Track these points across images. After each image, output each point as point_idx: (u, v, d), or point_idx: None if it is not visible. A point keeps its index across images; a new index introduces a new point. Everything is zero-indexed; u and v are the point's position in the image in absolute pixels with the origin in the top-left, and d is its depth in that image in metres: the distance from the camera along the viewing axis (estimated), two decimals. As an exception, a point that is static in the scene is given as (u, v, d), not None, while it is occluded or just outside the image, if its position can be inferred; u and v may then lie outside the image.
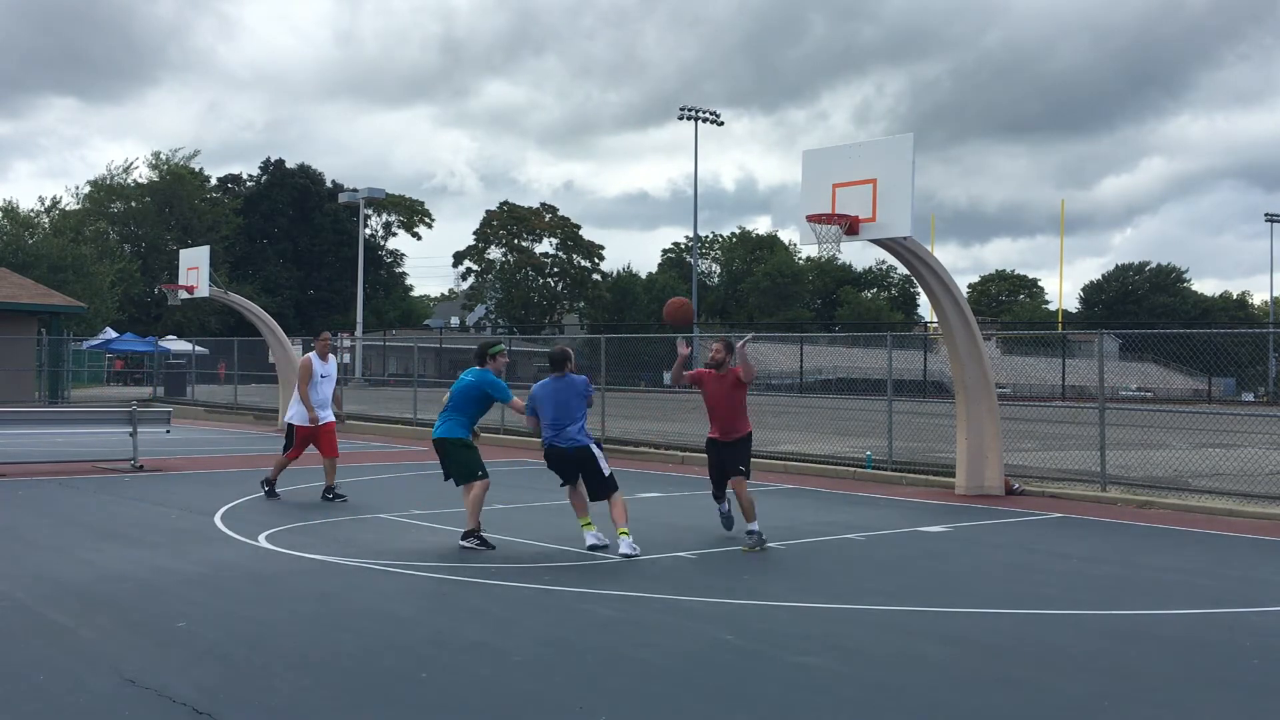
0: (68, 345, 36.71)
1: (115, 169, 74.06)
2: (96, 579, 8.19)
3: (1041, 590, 8.35)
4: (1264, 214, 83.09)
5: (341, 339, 52.40)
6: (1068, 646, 6.60)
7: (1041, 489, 14.69)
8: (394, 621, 6.97)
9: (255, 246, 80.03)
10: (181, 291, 26.52)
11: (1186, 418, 26.85)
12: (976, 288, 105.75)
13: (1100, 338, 18.31)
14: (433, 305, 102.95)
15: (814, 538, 10.69)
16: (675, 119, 68.02)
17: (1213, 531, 11.70)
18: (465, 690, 5.58)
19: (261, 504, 12.63)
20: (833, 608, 7.58)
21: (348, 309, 70.28)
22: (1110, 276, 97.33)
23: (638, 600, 7.48)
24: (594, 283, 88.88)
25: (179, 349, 44.76)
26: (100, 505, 12.39)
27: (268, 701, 5.33)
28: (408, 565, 8.83)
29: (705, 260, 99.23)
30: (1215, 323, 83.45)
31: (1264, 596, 8.25)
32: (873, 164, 13.30)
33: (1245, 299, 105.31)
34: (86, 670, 5.82)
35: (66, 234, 61.88)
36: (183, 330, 60.73)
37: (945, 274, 14.24)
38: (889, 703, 5.51)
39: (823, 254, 13.82)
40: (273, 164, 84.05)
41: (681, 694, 5.56)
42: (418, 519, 11.51)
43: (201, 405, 32.45)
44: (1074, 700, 5.56)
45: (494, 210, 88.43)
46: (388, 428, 25.70)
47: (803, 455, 18.31)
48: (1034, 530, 11.69)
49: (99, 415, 17.73)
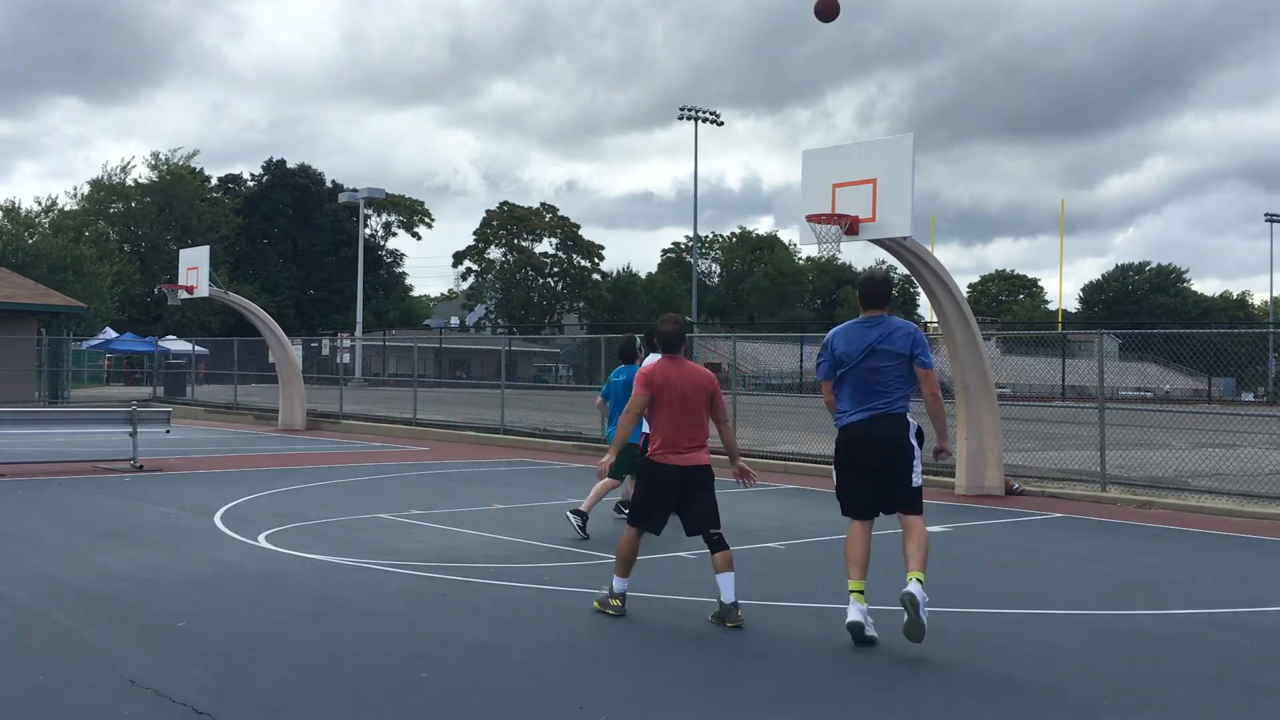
0: (67, 345, 36.71)
1: (113, 169, 74.16)
2: (96, 579, 8.19)
3: (1041, 590, 8.35)
4: (1264, 214, 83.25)
5: (341, 339, 52.42)
6: (1068, 646, 6.59)
7: (1041, 489, 14.68)
8: (394, 621, 6.97)
9: (255, 246, 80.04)
10: (181, 291, 26.53)
11: (1186, 418, 26.84)
12: (976, 287, 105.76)
13: (1100, 338, 18.30)
14: (433, 305, 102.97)
15: (814, 538, 10.69)
16: (678, 119, 68.08)
17: (1213, 531, 11.69)
18: (465, 690, 5.58)
19: (261, 504, 12.62)
20: (833, 608, 7.57)
21: (348, 309, 70.29)
22: (1110, 276, 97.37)
23: (637, 600, 7.48)
24: (594, 283, 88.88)
25: (179, 349, 44.75)
26: (100, 505, 12.38)
27: (268, 701, 5.33)
28: (408, 565, 8.83)
29: (705, 260, 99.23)
30: (1215, 323, 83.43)
31: (1264, 596, 8.25)
32: (873, 164, 13.30)
33: (1245, 299, 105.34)
34: (86, 670, 5.82)
35: (66, 234, 61.87)
36: (183, 330, 60.71)
37: (945, 274, 14.24)
38: (889, 703, 5.51)
39: (823, 254, 13.82)
40: (273, 164, 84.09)
41: (681, 694, 5.56)
42: (418, 519, 11.51)
43: (201, 405, 32.46)
44: (1074, 700, 5.56)
45: (494, 210, 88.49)
46: (388, 428, 25.70)
47: (803, 455, 18.30)
48: (1034, 530, 11.69)
49: (99, 415, 17.73)
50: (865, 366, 6.65)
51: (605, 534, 10.63)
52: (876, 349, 6.63)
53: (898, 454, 6.62)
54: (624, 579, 7.19)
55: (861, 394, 6.68)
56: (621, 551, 7.22)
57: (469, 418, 26.00)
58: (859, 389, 6.68)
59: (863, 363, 6.66)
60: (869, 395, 6.66)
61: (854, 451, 6.73)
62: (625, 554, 7.20)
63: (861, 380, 6.67)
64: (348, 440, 23.63)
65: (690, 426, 7.07)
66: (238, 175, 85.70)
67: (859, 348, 6.68)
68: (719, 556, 7.04)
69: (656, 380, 7.08)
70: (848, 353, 6.71)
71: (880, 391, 6.63)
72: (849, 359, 6.70)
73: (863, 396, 6.67)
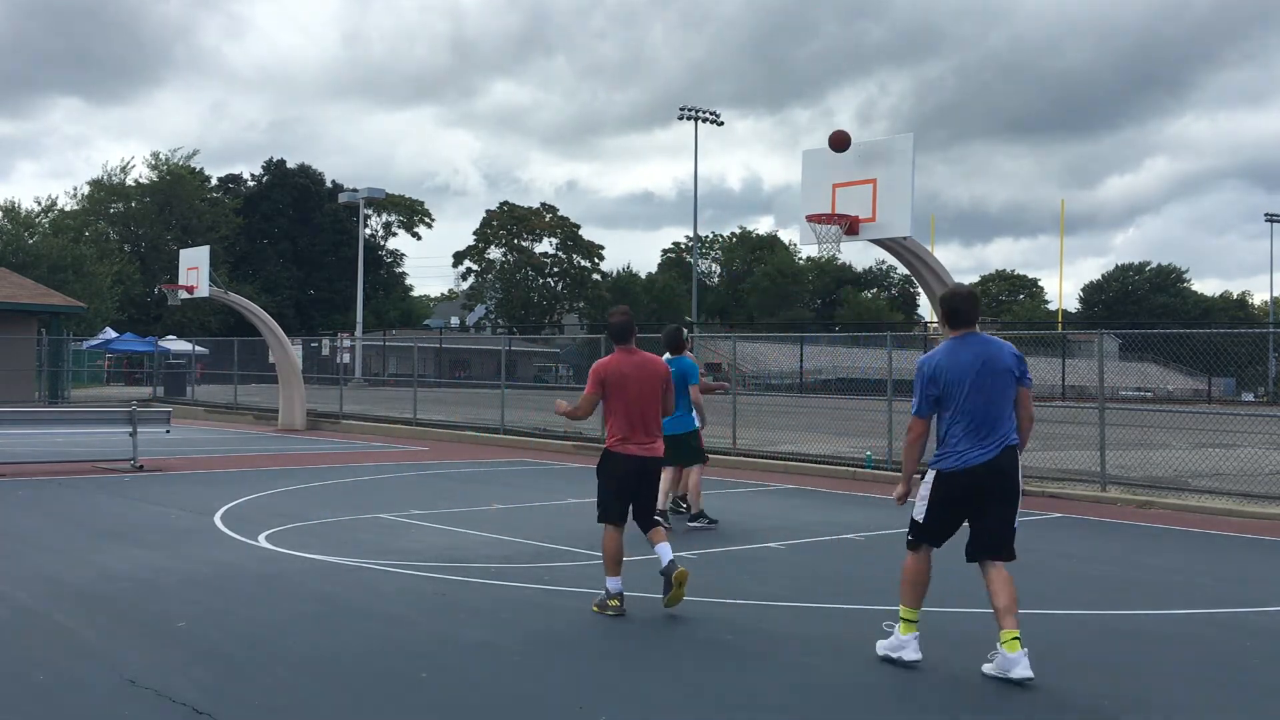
0: (67, 345, 36.70)
1: (113, 169, 74.17)
2: (96, 579, 8.19)
3: (1041, 590, 8.35)
4: (1264, 214, 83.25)
5: (341, 339, 52.42)
6: (1068, 646, 6.59)
7: (1041, 489, 14.68)
8: (394, 621, 6.97)
9: (255, 246, 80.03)
10: (181, 291, 26.54)
11: (1186, 418, 26.84)
12: (976, 287, 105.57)
13: (1100, 338, 18.31)
14: (433, 305, 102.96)
15: (814, 538, 10.69)
16: (677, 119, 68.07)
17: (1213, 531, 11.70)
18: (465, 690, 5.58)
19: (261, 504, 12.62)
20: (833, 608, 7.58)
21: (348, 309, 70.29)
22: (1110, 276, 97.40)
23: (637, 600, 7.48)
24: (594, 283, 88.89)
25: (179, 349, 44.74)
26: (100, 505, 12.38)
27: (268, 701, 5.33)
28: (408, 565, 8.83)
29: (705, 260, 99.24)
30: (1215, 323, 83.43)
31: (1264, 596, 8.25)
32: (873, 164, 13.30)
33: (1245, 299, 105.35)
34: (86, 670, 5.82)
35: (66, 234, 61.87)
36: (183, 330, 60.71)
37: (945, 274, 14.24)
38: (889, 703, 5.51)
39: (823, 254, 13.84)
40: (273, 164, 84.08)
41: (681, 694, 5.56)
42: (418, 519, 11.51)
43: (201, 405, 32.46)
44: (1074, 700, 5.56)
45: (494, 210, 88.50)
46: (388, 428, 25.70)
47: (803, 455, 18.30)
48: (1034, 530, 11.68)
49: (99, 415, 17.73)
50: (981, 391, 5.85)
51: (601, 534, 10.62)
52: (989, 368, 5.89)
53: (1012, 494, 5.91)
54: (617, 578, 7.21)
55: (981, 425, 5.86)
56: (608, 552, 7.23)
57: (469, 418, 26.01)
58: (978, 420, 5.86)
59: (978, 386, 5.86)
60: (989, 427, 5.85)
61: (969, 494, 5.92)
62: (612, 553, 7.22)
63: (981, 409, 5.85)
64: (348, 440, 23.63)
65: (650, 416, 7.18)
66: (238, 175, 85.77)
67: (971, 370, 5.88)
68: (655, 532, 7.30)
69: (611, 375, 7.14)
70: (958, 380, 5.89)
71: (997, 420, 5.86)
72: (959, 386, 5.88)
73: (985, 429, 5.85)
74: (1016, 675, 5.62)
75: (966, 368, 5.89)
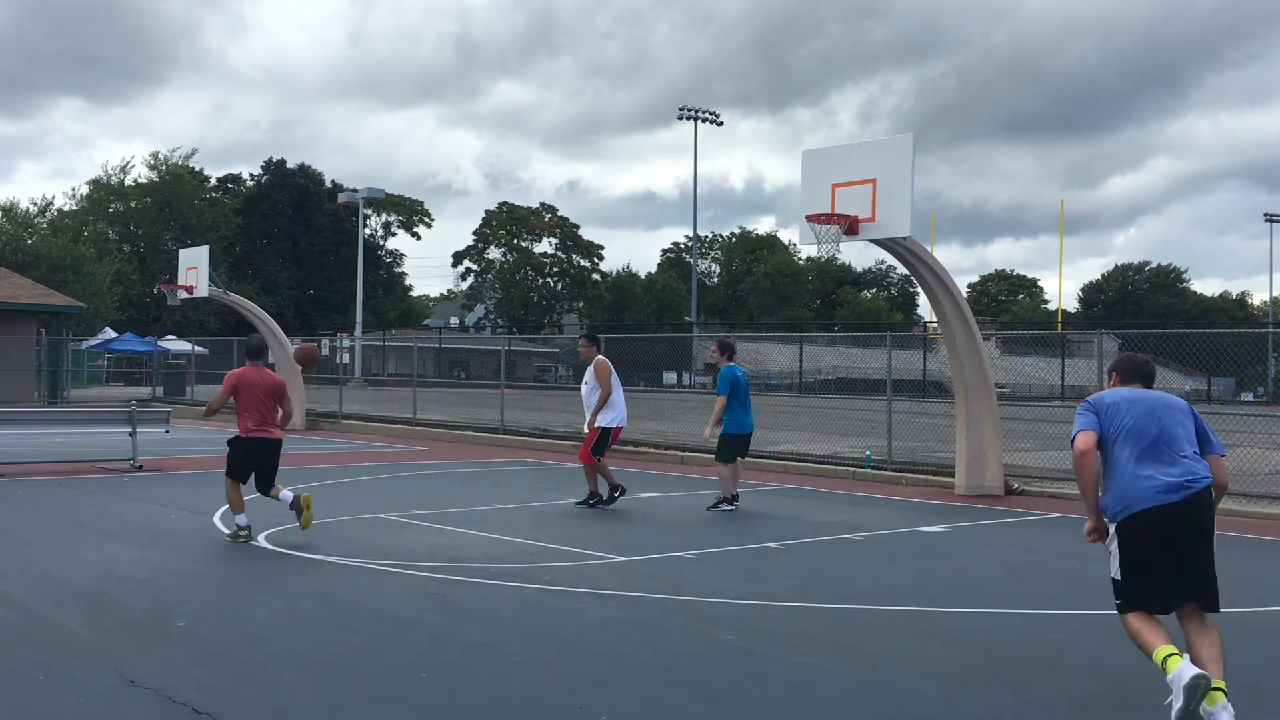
0: (67, 345, 36.69)
1: (113, 169, 74.18)
2: (96, 579, 8.19)
3: (1041, 590, 8.35)
4: (1264, 214, 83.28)
5: (341, 339, 52.44)
6: (1068, 646, 6.59)
7: (1041, 489, 14.69)
8: (394, 621, 6.97)
9: (255, 246, 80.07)
10: (181, 291, 26.54)
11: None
12: (976, 287, 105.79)
13: (1100, 338, 18.31)
14: (432, 305, 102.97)
15: (814, 538, 10.69)
16: (677, 119, 68.12)
17: (1212, 531, 11.68)
18: (465, 690, 5.58)
19: (261, 504, 12.61)
20: (833, 608, 7.58)
21: (347, 309, 70.31)
22: (1110, 276, 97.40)
23: (638, 600, 7.48)
24: (593, 283, 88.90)
25: (179, 349, 44.74)
26: (100, 505, 12.38)
27: (268, 701, 5.33)
28: (408, 565, 8.82)
29: (705, 260, 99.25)
30: (1215, 322, 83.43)
31: (1264, 596, 8.25)
32: (873, 164, 13.30)
33: (1245, 299, 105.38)
34: (86, 670, 5.82)
35: (65, 234, 61.85)
36: (182, 330, 60.71)
37: (945, 274, 14.24)
38: (889, 703, 5.51)
39: (822, 254, 13.83)
40: (273, 164, 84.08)
41: (681, 694, 5.56)
42: (418, 519, 11.51)
43: (201, 405, 32.39)
44: (1074, 700, 5.56)
45: (493, 210, 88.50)
46: (388, 428, 25.70)
47: (802, 455, 18.30)
48: (1034, 530, 11.69)
49: (99, 415, 17.74)
50: (1158, 420, 5.23)
51: (604, 534, 10.66)
52: (1163, 403, 5.32)
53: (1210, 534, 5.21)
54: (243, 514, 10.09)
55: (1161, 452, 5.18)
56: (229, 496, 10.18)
57: (468, 418, 26.00)
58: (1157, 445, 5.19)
59: (1153, 415, 5.25)
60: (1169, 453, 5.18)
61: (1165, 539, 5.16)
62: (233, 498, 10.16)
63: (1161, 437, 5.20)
64: (347, 440, 23.63)
65: (269, 413, 10.41)
66: (237, 175, 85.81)
67: (1142, 403, 5.30)
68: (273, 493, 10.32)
69: (243, 382, 10.30)
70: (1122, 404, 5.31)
71: (1180, 451, 5.18)
72: (1122, 411, 5.28)
73: (1165, 456, 5.17)
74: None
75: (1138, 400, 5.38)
